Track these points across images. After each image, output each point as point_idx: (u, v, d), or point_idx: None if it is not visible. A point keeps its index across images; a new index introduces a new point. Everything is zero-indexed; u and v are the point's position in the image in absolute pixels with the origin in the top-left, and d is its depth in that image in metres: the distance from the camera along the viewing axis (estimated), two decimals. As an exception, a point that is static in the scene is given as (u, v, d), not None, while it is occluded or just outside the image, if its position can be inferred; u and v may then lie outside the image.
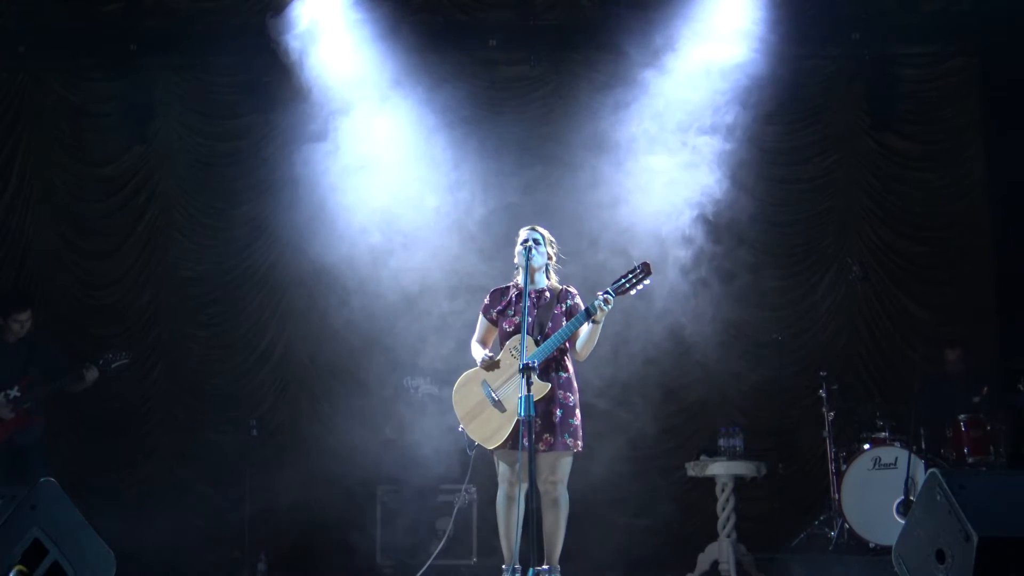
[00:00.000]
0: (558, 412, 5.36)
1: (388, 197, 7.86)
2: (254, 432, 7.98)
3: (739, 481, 7.24)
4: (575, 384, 5.52)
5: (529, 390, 4.80)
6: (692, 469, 7.34)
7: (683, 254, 7.81)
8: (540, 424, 5.25)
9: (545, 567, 5.18)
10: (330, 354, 8.53)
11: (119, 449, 8.54)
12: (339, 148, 7.95)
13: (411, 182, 7.94)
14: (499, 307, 5.63)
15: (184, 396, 8.73)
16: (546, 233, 5.66)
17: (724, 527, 7.12)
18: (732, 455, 7.21)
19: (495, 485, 5.55)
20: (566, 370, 5.48)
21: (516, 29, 8.70)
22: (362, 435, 8.02)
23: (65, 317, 8.66)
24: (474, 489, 7.69)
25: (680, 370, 8.42)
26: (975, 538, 4.08)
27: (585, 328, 5.38)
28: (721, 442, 7.28)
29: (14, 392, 7.05)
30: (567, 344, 5.45)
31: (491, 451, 5.43)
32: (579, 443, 5.42)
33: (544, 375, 5.31)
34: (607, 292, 5.23)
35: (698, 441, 7.94)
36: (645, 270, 5.28)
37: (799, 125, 8.79)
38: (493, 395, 5.40)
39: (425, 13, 8.57)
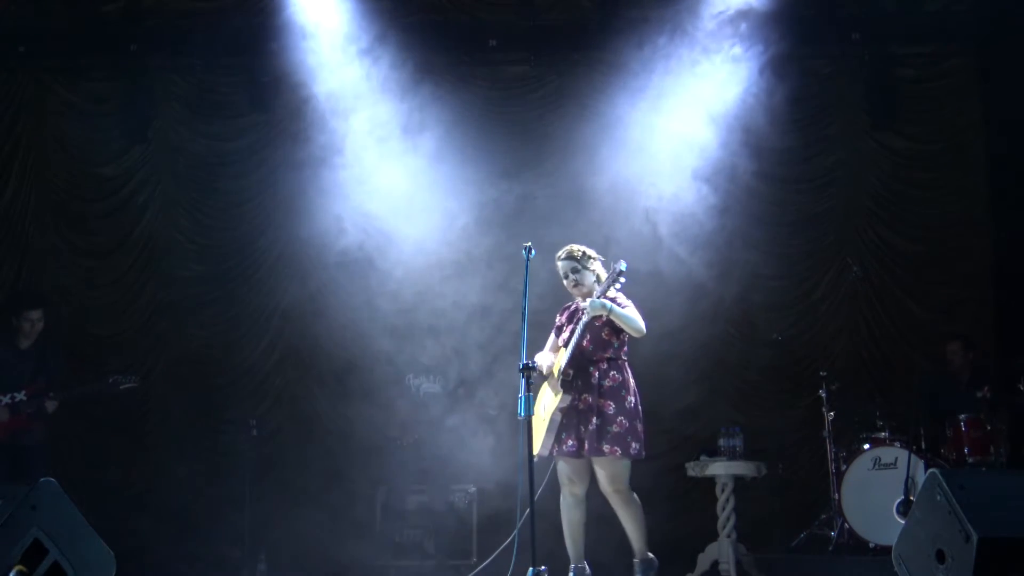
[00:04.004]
0: (595, 420, 5.52)
1: (387, 197, 7.86)
2: (254, 432, 7.97)
3: (739, 481, 7.22)
4: (623, 393, 5.62)
5: (528, 390, 4.96)
6: (692, 469, 7.32)
7: (683, 254, 7.81)
8: (579, 431, 5.53)
9: (544, 568, 5.22)
10: (330, 353, 8.52)
11: (119, 449, 8.52)
12: (337, 148, 7.97)
13: (410, 182, 7.94)
14: (558, 324, 5.86)
15: (184, 396, 8.72)
16: (578, 253, 5.70)
17: (724, 527, 7.10)
18: (732, 455, 7.18)
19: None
20: (612, 380, 5.62)
21: (516, 29, 8.71)
22: (362, 435, 8.02)
23: (65, 317, 8.63)
24: (474, 489, 7.67)
25: (680, 370, 8.41)
26: (975, 538, 4.07)
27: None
28: (721, 442, 7.25)
29: (20, 395, 7.07)
30: (613, 352, 5.64)
31: (551, 457, 5.71)
32: (618, 449, 5.52)
33: (585, 383, 5.56)
34: (590, 300, 5.49)
35: (698, 441, 7.93)
36: (619, 270, 5.38)
37: (799, 125, 8.77)
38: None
39: (425, 13, 8.57)
